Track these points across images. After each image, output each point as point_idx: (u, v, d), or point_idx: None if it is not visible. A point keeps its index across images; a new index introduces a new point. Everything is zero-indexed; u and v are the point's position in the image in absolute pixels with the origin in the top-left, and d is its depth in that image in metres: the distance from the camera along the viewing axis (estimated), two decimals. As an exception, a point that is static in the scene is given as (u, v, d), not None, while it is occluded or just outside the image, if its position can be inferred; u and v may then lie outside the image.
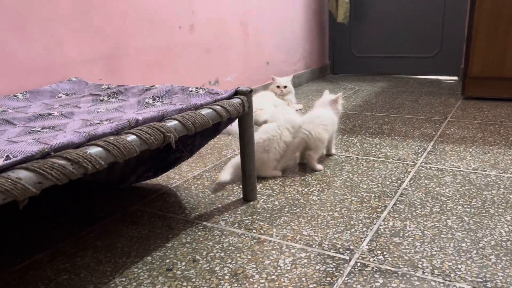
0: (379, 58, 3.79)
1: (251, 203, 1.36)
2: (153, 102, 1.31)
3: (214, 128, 1.45)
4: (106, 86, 1.53)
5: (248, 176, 1.36)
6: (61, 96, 1.49)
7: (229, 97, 1.25)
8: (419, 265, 0.98)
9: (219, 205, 1.35)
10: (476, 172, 1.51)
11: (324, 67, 3.93)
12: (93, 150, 0.82)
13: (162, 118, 1.03)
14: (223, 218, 1.26)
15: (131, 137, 0.90)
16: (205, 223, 1.24)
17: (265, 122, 2.30)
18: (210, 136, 1.48)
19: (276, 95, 2.57)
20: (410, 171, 1.55)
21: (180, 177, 1.61)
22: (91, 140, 0.85)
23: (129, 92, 1.44)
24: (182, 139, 1.50)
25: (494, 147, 1.77)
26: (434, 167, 1.58)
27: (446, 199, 1.32)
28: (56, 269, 1.04)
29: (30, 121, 1.16)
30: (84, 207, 1.41)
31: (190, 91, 1.34)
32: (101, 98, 1.41)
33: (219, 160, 1.77)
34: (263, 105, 2.39)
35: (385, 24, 3.67)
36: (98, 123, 1.08)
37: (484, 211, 1.23)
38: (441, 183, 1.44)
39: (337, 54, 3.98)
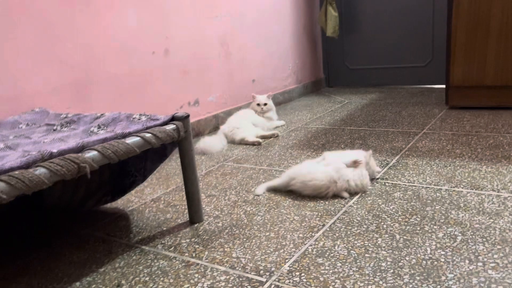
0: (373, 70, 3.78)
1: (196, 225, 1.39)
2: (97, 131, 1.36)
3: (162, 153, 1.49)
4: (64, 115, 1.60)
5: (191, 198, 1.39)
6: (21, 127, 1.56)
7: (165, 123, 1.29)
8: (331, 287, 0.99)
9: (164, 228, 1.39)
10: (428, 187, 1.50)
11: (318, 81, 3.94)
12: (-6, 185, 0.87)
13: (81, 149, 1.08)
14: (162, 242, 1.30)
15: (39, 170, 0.95)
16: (144, 247, 1.28)
17: (242, 140, 2.34)
18: (159, 161, 1.52)
19: (257, 113, 2.61)
20: (363, 188, 1.55)
21: (140, 200, 1.65)
22: (-3, 175, 0.90)
23: (81, 120, 1.50)
24: (135, 164, 1.56)
25: (457, 159, 1.74)
26: (388, 183, 1.57)
27: (386, 217, 1.31)
28: (-11, 296, 1.09)
29: (-25, 154, 1.22)
30: (40, 231, 1.47)
31: (133, 118, 1.39)
32: (55, 127, 1.48)
33: (183, 181, 1.81)
34: (241, 123, 2.43)
35: (377, 36, 3.67)
36: (35, 154, 1.14)
37: (419, 228, 1.21)
38: (388, 200, 1.43)
39: (331, 68, 3.99)
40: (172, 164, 2.05)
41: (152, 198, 1.66)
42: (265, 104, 2.61)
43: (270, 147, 2.21)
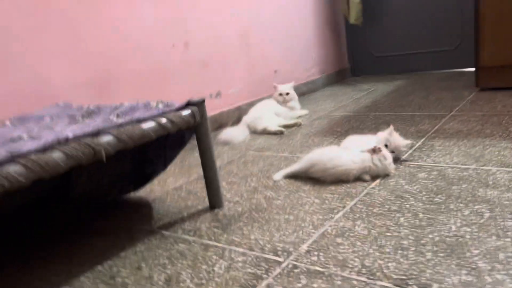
0: (399, 56, 3.69)
1: (215, 210, 1.39)
2: (116, 119, 1.38)
3: (180, 140, 1.50)
4: (86, 107, 1.63)
5: (210, 184, 1.39)
6: (45, 120, 1.61)
7: (180, 109, 1.30)
8: (349, 265, 0.96)
9: (185, 214, 1.39)
10: (455, 167, 1.44)
11: (342, 70, 3.88)
12: (12, 168, 0.89)
13: (97, 133, 1.09)
14: (182, 227, 1.30)
15: (55, 154, 0.97)
16: (164, 232, 1.29)
17: (264, 129, 2.33)
18: (178, 148, 1.52)
19: (279, 103, 2.58)
20: (386, 170, 1.50)
21: (162, 189, 1.67)
22: (15, 158, 0.93)
23: (101, 111, 1.52)
24: (154, 153, 1.57)
25: (487, 139, 1.67)
26: (413, 164, 1.52)
27: (409, 197, 1.26)
28: (14, 279, 1.12)
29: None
30: (64, 222, 1.51)
31: (150, 106, 1.40)
32: (77, 119, 1.51)
33: (204, 170, 1.81)
34: (263, 113, 2.42)
35: (402, 21, 3.57)
36: (51, 138, 1.16)
37: (443, 207, 1.17)
38: (412, 181, 1.38)
39: (356, 56, 3.92)
40: (195, 155, 2.06)
41: (174, 187, 1.67)
42: (287, 94, 2.58)
43: (293, 136, 2.19)
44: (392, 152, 1.53)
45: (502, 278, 0.83)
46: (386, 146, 1.53)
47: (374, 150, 1.45)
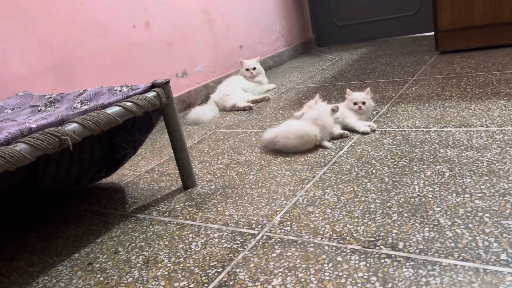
0: (362, 24, 3.72)
1: (189, 190, 1.40)
2: (81, 106, 1.35)
3: (148, 123, 1.49)
4: (49, 96, 1.60)
5: (182, 164, 1.40)
6: (7, 112, 1.56)
7: (145, 91, 1.29)
8: (321, 232, 1.00)
9: (158, 196, 1.40)
10: (417, 130, 1.49)
11: (308, 41, 3.89)
12: (-25, 163, 0.87)
13: (62, 122, 1.08)
14: (157, 209, 1.31)
15: (20, 146, 0.95)
16: (139, 215, 1.30)
17: (233, 106, 2.33)
18: (147, 131, 1.52)
19: (246, 78, 2.58)
20: (352, 138, 1.55)
21: (134, 172, 1.67)
22: (-23, 154, 0.91)
23: (65, 99, 1.49)
24: (123, 137, 1.56)
25: (447, 101, 1.73)
26: (378, 131, 1.57)
27: (375, 162, 1.31)
28: (-9, 275, 1.12)
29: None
30: (37, 211, 1.49)
31: (115, 90, 1.38)
32: (39, 108, 1.48)
33: (176, 151, 1.81)
34: (230, 90, 2.41)
35: (363, -12, 3.59)
36: (14, 130, 1.14)
37: (407, 170, 1.22)
38: (378, 146, 1.43)
39: (320, 27, 3.93)
40: (165, 136, 2.05)
41: (146, 170, 1.67)
42: (254, 68, 2.58)
43: (262, 111, 2.20)
44: None
45: (461, 232, 0.89)
46: None
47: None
